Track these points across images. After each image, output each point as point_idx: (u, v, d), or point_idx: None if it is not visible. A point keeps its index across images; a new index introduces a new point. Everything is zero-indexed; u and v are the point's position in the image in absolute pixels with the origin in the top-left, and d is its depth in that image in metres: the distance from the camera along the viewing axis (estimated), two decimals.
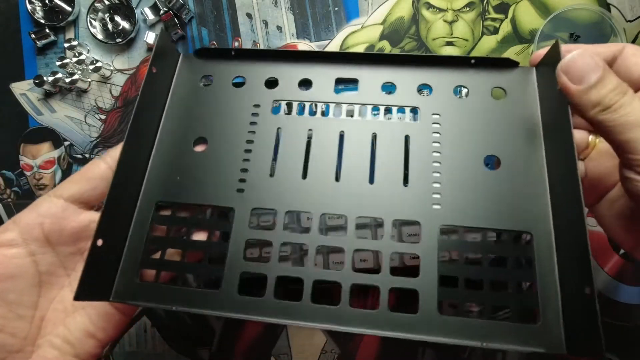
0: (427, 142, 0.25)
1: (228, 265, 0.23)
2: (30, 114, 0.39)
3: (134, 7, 0.37)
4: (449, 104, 0.26)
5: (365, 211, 0.24)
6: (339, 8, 0.37)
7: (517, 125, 0.25)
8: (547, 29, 0.34)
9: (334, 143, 0.26)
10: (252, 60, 0.28)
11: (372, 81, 0.27)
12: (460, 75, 0.26)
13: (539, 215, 0.23)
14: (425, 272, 0.22)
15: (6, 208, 0.39)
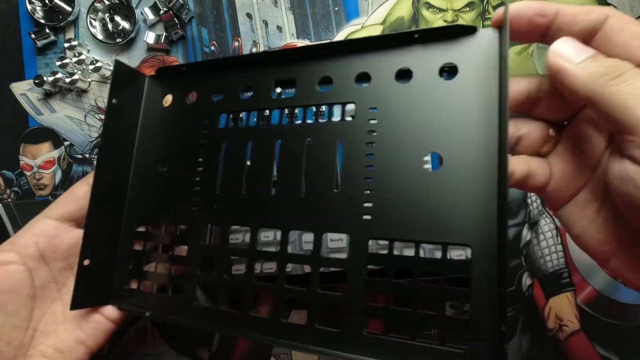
0: (360, 143, 0.22)
1: (186, 277, 0.25)
2: (30, 114, 0.39)
3: (134, 7, 0.37)
4: (389, 94, 0.22)
5: (297, 225, 0.23)
6: (339, 8, 0.37)
7: (470, 110, 0.20)
8: None
9: (270, 154, 0.24)
10: (202, 73, 0.27)
11: (310, 79, 0.24)
12: (404, 56, 0.22)
13: (482, 223, 0.19)
14: (352, 287, 0.21)
15: (6, 208, 0.39)
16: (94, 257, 0.26)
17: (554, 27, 0.18)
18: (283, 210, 0.23)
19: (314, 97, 0.24)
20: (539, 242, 0.36)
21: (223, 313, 0.23)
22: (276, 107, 0.25)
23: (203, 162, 0.26)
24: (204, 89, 0.27)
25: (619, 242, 0.19)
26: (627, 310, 0.35)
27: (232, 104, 0.26)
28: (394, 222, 0.20)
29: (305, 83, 0.24)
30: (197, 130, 0.26)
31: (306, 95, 0.24)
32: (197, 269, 0.25)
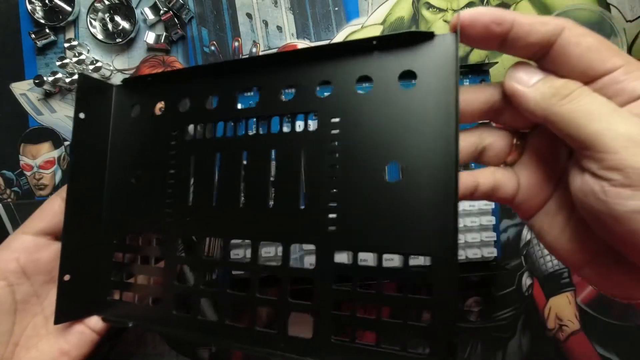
0: (323, 153, 0.22)
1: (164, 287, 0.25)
2: (30, 114, 0.39)
3: (134, 7, 0.37)
4: (351, 103, 0.21)
5: (266, 236, 0.23)
6: (339, 8, 0.37)
7: (429, 119, 0.20)
8: None
9: (237, 166, 0.24)
10: (168, 83, 0.27)
11: (272, 87, 0.23)
12: (364, 64, 0.21)
13: (442, 233, 0.19)
14: (320, 296, 0.21)
15: (6, 208, 0.39)
16: (74, 271, 0.26)
17: (511, 35, 0.18)
18: (252, 221, 0.23)
19: (278, 107, 0.23)
20: (539, 242, 0.36)
21: (200, 322, 0.24)
22: (240, 117, 0.24)
23: (174, 174, 0.26)
24: (170, 99, 0.26)
25: (590, 251, 0.19)
26: (627, 310, 0.35)
27: (198, 115, 0.25)
28: (358, 233, 0.21)
29: (268, 92, 0.24)
30: (167, 141, 0.26)
31: (270, 105, 0.23)
32: (173, 279, 0.25)
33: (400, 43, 0.20)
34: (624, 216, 0.15)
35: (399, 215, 0.20)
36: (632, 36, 0.35)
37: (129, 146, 0.28)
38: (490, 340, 0.36)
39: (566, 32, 0.17)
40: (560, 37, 0.17)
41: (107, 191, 0.28)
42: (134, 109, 0.28)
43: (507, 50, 0.18)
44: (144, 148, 0.27)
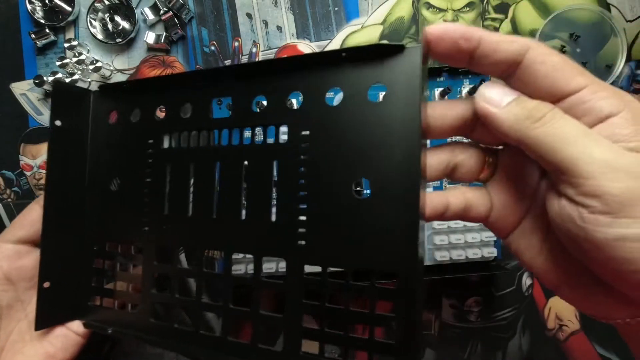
0: (293, 167, 0.21)
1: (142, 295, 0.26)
2: (30, 114, 0.39)
3: (134, 7, 0.37)
4: (321, 116, 0.21)
5: (239, 248, 0.23)
6: (339, 8, 0.37)
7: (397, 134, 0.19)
8: (547, 29, 0.34)
9: (211, 176, 0.24)
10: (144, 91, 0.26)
11: (244, 98, 0.23)
12: (334, 76, 0.21)
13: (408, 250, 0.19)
14: (290, 309, 0.21)
15: (6, 208, 0.39)
16: (53, 278, 0.26)
17: (478, 53, 0.18)
18: (226, 232, 0.23)
19: (250, 118, 0.23)
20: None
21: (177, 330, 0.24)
22: (214, 127, 0.24)
23: (150, 183, 0.26)
24: (146, 107, 0.26)
25: (567, 272, 0.19)
26: None
27: (173, 124, 0.25)
28: (327, 248, 0.21)
29: (240, 102, 0.23)
30: (143, 149, 0.26)
31: (242, 116, 0.23)
32: (152, 287, 0.25)
33: (370, 55, 0.20)
34: (604, 243, 0.15)
35: (368, 231, 0.20)
36: (632, 36, 0.35)
37: (106, 153, 0.28)
38: (490, 340, 0.36)
39: (531, 51, 0.17)
40: (526, 55, 0.17)
41: (88, 198, 0.28)
42: (111, 115, 0.28)
43: (476, 67, 0.18)
44: (121, 155, 0.27)
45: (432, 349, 0.36)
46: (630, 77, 0.36)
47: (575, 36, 0.35)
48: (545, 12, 0.36)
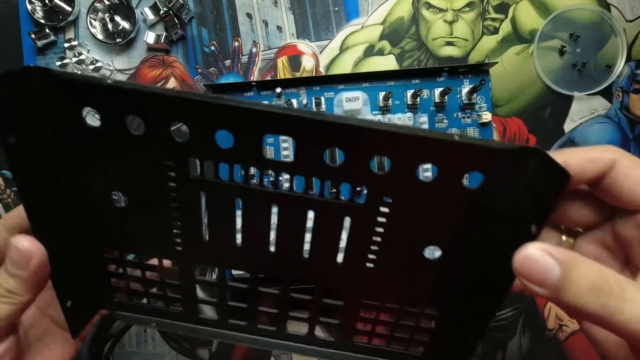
0: (366, 229, 0.21)
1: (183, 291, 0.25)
2: None
3: (134, 7, 0.37)
4: (407, 186, 0.19)
5: (299, 281, 0.23)
6: (339, 8, 0.37)
7: (491, 232, 0.19)
8: (547, 29, 0.34)
9: (265, 218, 0.21)
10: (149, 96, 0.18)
11: (315, 142, 0.18)
12: (433, 150, 0.19)
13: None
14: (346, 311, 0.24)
15: (6, 208, 0.39)
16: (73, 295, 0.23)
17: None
18: (284, 265, 0.23)
19: (319, 168, 0.19)
20: None
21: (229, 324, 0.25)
22: (266, 167, 0.19)
23: (179, 207, 0.21)
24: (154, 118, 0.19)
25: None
26: None
27: (204, 149, 0.19)
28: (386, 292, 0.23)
29: (309, 150, 0.19)
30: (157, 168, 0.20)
31: (310, 163, 0.19)
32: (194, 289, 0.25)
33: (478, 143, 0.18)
34: None
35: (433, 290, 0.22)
36: (632, 36, 0.35)
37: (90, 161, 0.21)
38: (490, 340, 0.36)
39: (617, 164, 0.17)
40: (612, 170, 0.17)
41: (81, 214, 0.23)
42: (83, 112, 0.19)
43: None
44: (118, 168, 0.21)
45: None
46: (630, 77, 0.36)
47: (575, 36, 0.35)
48: (545, 12, 0.36)
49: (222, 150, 0.19)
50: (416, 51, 0.37)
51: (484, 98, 0.35)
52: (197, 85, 0.38)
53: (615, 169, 0.17)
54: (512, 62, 0.36)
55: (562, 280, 0.15)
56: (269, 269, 0.24)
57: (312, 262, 0.22)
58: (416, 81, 0.35)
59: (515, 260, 0.16)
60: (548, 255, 0.15)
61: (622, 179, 0.17)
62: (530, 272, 0.15)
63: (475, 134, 0.35)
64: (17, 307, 0.21)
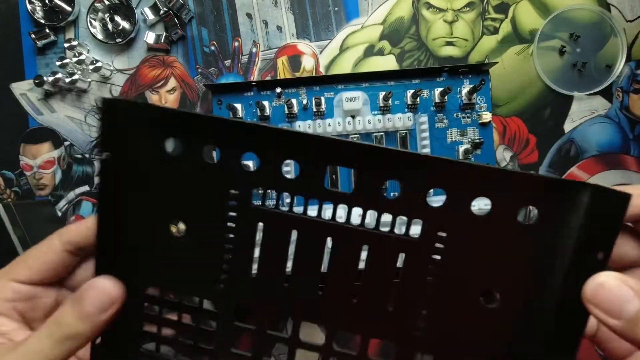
0: (421, 265, 0.20)
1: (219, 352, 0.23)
2: (30, 114, 0.39)
3: (134, 7, 0.37)
4: (462, 220, 0.19)
5: (346, 327, 0.22)
6: (339, 8, 0.37)
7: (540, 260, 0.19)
8: (547, 29, 0.34)
9: (318, 252, 0.22)
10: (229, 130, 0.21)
11: (375, 177, 0.20)
12: (486, 183, 0.19)
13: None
14: None
15: (6, 208, 0.39)
16: (104, 334, 0.22)
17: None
18: (333, 309, 0.22)
19: (376, 201, 0.20)
20: None
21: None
22: (326, 199, 0.20)
23: (234, 239, 0.22)
24: (229, 149, 0.20)
25: None
26: None
27: (270, 181, 0.20)
28: (444, 344, 0.21)
29: (366, 181, 0.20)
30: (221, 198, 0.21)
31: (366, 197, 0.20)
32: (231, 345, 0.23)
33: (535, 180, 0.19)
34: None
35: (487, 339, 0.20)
36: (632, 36, 0.35)
37: (160, 188, 0.22)
38: None
39: None
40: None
41: (137, 238, 0.23)
42: (168, 142, 0.22)
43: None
44: (186, 196, 0.22)
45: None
46: (630, 77, 0.36)
47: (575, 36, 0.35)
48: (545, 12, 0.36)
49: (286, 181, 0.20)
50: (416, 51, 0.37)
51: (484, 98, 0.35)
52: (197, 85, 0.38)
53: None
54: (512, 62, 0.36)
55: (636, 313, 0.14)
56: (314, 313, 0.22)
57: (359, 307, 0.21)
58: (416, 81, 0.35)
59: (587, 289, 0.15)
60: (625, 286, 0.15)
61: None
62: (604, 301, 0.15)
63: (475, 134, 0.35)
64: (78, 349, 0.20)
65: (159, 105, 0.23)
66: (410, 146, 0.34)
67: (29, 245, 0.37)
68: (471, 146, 0.34)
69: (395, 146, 0.34)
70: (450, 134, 0.35)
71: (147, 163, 0.21)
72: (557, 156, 0.37)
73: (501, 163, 0.36)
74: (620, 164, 0.36)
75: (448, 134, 0.35)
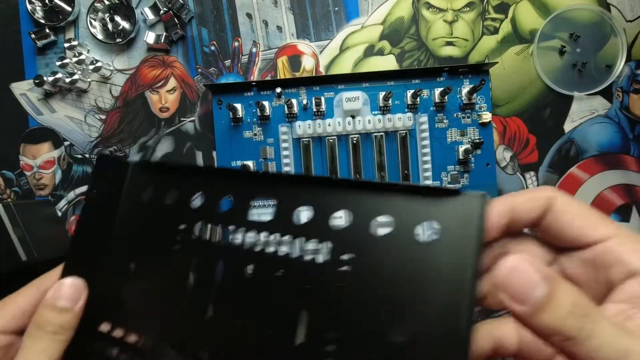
0: (329, 292, 0.20)
1: None
2: (30, 114, 0.39)
3: (134, 7, 0.37)
4: (366, 241, 0.19)
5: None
6: (339, 8, 0.37)
7: (443, 280, 0.18)
8: (547, 29, 0.34)
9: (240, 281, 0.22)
10: (184, 174, 0.24)
11: (290, 206, 0.21)
12: (387, 202, 0.20)
13: None
14: None
15: (6, 208, 0.39)
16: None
17: (511, 223, 0.18)
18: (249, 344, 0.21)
19: (290, 227, 0.21)
20: None
21: None
22: (250, 228, 0.22)
23: (171, 273, 0.23)
24: (183, 191, 0.24)
25: None
26: None
27: (209, 215, 0.23)
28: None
29: (284, 209, 0.21)
30: (172, 235, 0.24)
31: (284, 223, 0.21)
32: None
33: (427, 193, 0.19)
34: None
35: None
36: (632, 36, 0.35)
37: (131, 228, 0.25)
38: None
39: (556, 201, 0.17)
40: (553, 206, 0.17)
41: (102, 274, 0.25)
42: (145, 192, 0.25)
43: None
44: (146, 235, 0.25)
45: None
46: (630, 77, 0.36)
47: (575, 36, 0.35)
48: (545, 12, 0.36)
49: (221, 214, 0.22)
50: (416, 51, 0.37)
51: (484, 98, 0.35)
52: (197, 85, 0.38)
53: (555, 205, 0.17)
54: (512, 62, 0.36)
55: (547, 298, 0.14)
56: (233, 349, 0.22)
57: (269, 345, 0.21)
58: (416, 81, 0.35)
59: (501, 271, 0.15)
60: (535, 270, 0.14)
61: (560, 215, 0.17)
62: (514, 285, 0.14)
63: (475, 134, 0.35)
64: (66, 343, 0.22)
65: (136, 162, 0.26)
66: (411, 146, 0.34)
67: (29, 245, 0.37)
68: (471, 146, 0.34)
69: (395, 146, 0.35)
70: (450, 134, 0.35)
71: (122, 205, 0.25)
72: (557, 156, 0.37)
73: (501, 163, 0.36)
74: (620, 164, 0.36)
75: (448, 134, 0.35)
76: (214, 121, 0.36)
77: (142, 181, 0.25)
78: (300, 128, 0.34)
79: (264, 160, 0.35)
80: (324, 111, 0.35)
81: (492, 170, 0.35)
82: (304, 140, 0.34)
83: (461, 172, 0.35)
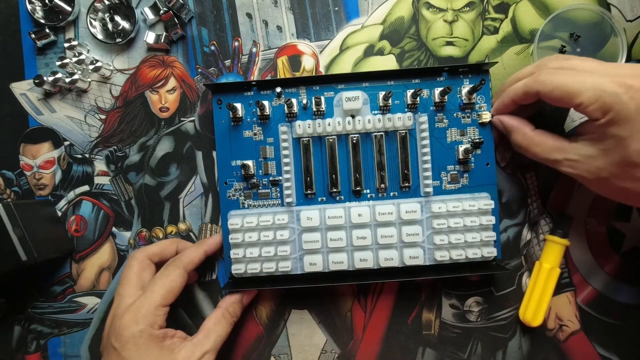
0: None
1: None
2: (30, 114, 0.39)
3: (134, 7, 0.37)
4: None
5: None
6: (339, 8, 0.37)
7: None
8: (547, 29, 0.34)
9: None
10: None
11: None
12: None
13: None
14: None
15: (6, 208, 0.39)
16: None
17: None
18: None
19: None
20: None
21: None
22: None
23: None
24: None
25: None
26: (627, 310, 0.35)
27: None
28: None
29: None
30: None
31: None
32: None
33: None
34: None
35: None
36: (632, 36, 0.35)
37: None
38: (490, 340, 0.36)
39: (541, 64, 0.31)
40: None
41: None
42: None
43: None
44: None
45: (432, 349, 0.36)
46: None
47: (576, 36, 0.35)
48: (545, 12, 0.36)
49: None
50: (416, 51, 0.37)
51: (483, 98, 0.35)
52: (197, 85, 0.38)
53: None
54: (512, 62, 0.36)
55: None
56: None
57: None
58: (416, 81, 0.35)
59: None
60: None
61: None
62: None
63: (475, 134, 0.35)
64: (191, 270, 0.34)
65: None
66: (410, 146, 0.34)
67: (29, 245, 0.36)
68: (471, 146, 0.34)
69: (395, 146, 0.35)
70: (450, 133, 0.35)
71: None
72: None
73: (501, 163, 0.36)
74: None
75: (448, 133, 0.35)
76: (214, 121, 0.36)
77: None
78: (300, 128, 0.34)
79: (264, 160, 0.35)
80: (324, 111, 0.35)
81: (492, 170, 0.35)
82: (304, 140, 0.34)
83: (461, 171, 0.35)
